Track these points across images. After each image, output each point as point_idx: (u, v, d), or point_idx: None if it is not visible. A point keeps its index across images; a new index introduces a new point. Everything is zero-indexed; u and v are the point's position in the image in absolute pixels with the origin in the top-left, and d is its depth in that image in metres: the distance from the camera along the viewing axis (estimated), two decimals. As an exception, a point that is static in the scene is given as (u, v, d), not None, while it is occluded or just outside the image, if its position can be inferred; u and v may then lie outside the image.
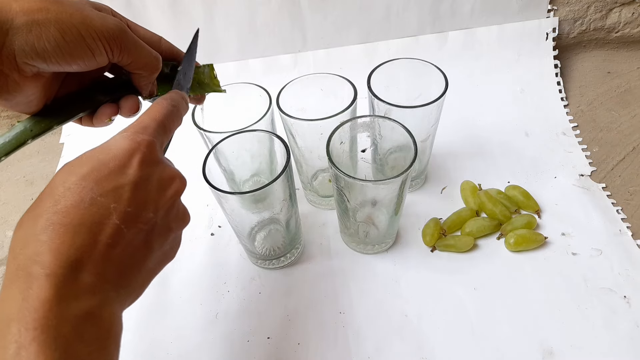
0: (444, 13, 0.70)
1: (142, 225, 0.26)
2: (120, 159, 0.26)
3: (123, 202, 0.25)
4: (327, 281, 0.50)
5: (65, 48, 0.26)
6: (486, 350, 0.44)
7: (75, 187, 0.24)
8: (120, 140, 0.27)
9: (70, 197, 0.24)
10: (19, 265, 0.23)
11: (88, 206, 0.24)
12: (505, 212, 0.52)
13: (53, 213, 0.23)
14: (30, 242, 0.23)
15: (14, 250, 0.24)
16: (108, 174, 0.25)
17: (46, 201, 0.24)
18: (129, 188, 0.26)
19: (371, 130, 0.47)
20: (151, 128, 0.28)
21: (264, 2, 0.66)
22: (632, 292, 0.46)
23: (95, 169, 0.25)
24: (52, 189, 0.25)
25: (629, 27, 0.73)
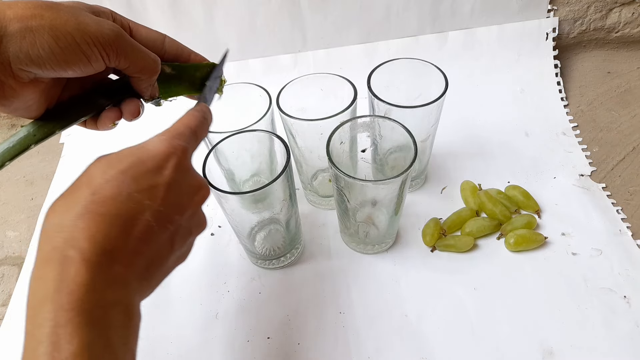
0: (444, 13, 0.70)
1: (169, 225, 0.28)
2: (158, 160, 0.27)
3: (157, 200, 0.27)
4: (327, 281, 0.50)
5: (59, 54, 0.26)
6: (486, 350, 0.44)
7: (114, 180, 0.25)
8: (158, 142, 0.28)
9: (108, 189, 0.25)
10: (54, 246, 0.23)
11: (125, 200, 0.25)
12: (505, 212, 0.52)
13: (91, 202, 0.24)
14: (66, 227, 0.23)
15: (48, 232, 0.24)
16: (145, 172, 0.26)
17: (83, 190, 0.25)
18: (163, 188, 0.27)
19: (371, 130, 0.47)
20: (186, 135, 0.30)
21: (264, 2, 0.66)
22: (632, 292, 0.46)
23: (133, 166, 0.26)
24: (90, 179, 0.25)
25: (629, 27, 0.73)
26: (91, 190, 0.25)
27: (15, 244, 0.59)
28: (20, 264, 0.56)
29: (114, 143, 0.72)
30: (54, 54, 0.26)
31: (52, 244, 0.23)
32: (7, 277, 0.56)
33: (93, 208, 0.24)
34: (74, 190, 0.25)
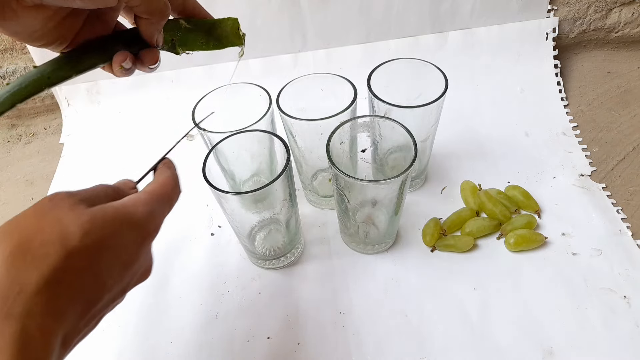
0: (444, 13, 0.70)
1: (111, 306, 0.28)
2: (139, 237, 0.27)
3: (118, 281, 0.26)
4: (327, 281, 0.50)
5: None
6: (486, 350, 0.44)
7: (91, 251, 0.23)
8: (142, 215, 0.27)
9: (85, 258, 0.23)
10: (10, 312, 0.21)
11: (95, 277, 0.24)
12: (505, 212, 0.52)
13: (61, 269, 0.22)
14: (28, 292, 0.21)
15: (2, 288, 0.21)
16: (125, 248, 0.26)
17: (56, 247, 0.22)
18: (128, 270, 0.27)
19: (371, 130, 0.47)
20: (163, 214, 0.29)
21: (264, 2, 0.66)
22: (632, 292, 0.46)
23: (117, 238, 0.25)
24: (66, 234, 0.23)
25: (629, 27, 0.73)
26: (65, 253, 0.22)
27: (15, 244, 0.59)
28: (20, 264, 0.56)
29: (115, 143, 0.71)
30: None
31: (7, 307, 0.21)
32: (7, 277, 0.56)
33: (62, 277, 0.22)
34: (38, 237, 0.22)
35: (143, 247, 0.28)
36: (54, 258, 0.22)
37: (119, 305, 0.30)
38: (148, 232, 0.27)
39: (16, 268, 0.21)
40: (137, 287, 0.45)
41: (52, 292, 0.22)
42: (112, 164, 0.65)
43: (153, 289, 0.51)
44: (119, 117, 0.72)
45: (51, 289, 0.22)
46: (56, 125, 0.75)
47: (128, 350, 0.46)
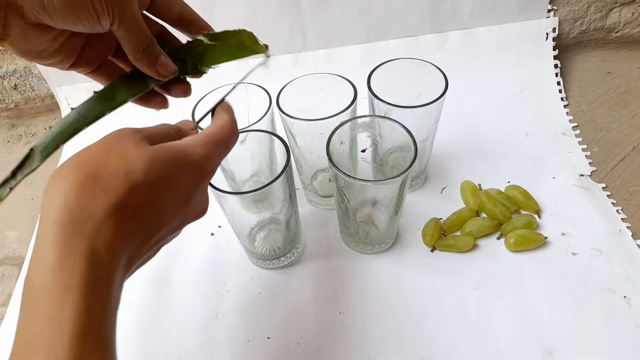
0: (444, 13, 0.70)
1: (169, 238, 0.29)
2: (195, 179, 0.28)
3: (175, 216, 0.28)
4: (327, 281, 0.50)
5: (72, 8, 0.26)
6: (486, 350, 0.44)
7: (154, 187, 0.25)
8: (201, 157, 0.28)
9: (146, 193, 0.25)
10: (82, 234, 0.23)
11: (155, 211, 0.26)
12: (505, 212, 0.52)
13: (127, 200, 0.24)
14: (96, 217, 0.23)
15: (72, 212, 0.23)
16: (182, 187, 0.27)
17: (121, 178, 0.24)
18: (185, 207, 0.28)
19: (371, 130, 0.47)
20: (220, 157, 0.31)
21: (264, 2, 0.66)
22: (632, 292, 0.46)
23: (176, 178, 0.27)
24: (130, 167, 0.25)
25: (629, 27, 0.73)
26: (130, 186, 0.24)
27: (15, 244, 0.59)
28: (20, 264, 0.56)
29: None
30: (67, 7, 0.26)
31: (78, 228, 0.23)
32: (7, 277, 0.56)
33: (127, 207, 0.24)
34: (106, 169, 0.24)
35: (199, 187, 0.29)
36: (120, 189, 0.24)
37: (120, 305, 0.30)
38: (204, 173, 0.29)
39: (87, 196, 0.23)
40: (138, 286, 0.45)
41: (118, 219, 0.24)
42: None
43: (153, 289, 0.51)
44: (119, 117, 0.72)
45: (117, 216, 0.24)
46: (56, 125, 0.75)
47: (128, 350, 0.46)
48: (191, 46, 0.35)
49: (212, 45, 0.35)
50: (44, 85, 0.74)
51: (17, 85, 0.73)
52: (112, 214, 0.24)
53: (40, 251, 0.23)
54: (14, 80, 0.73)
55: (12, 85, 0.73)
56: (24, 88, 0.74)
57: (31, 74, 0.72)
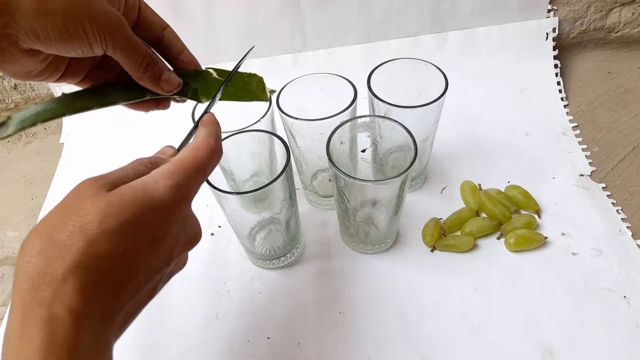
0: (444, 13, 0.70)
1: (157, 277, 0.28)
2: (161, 213, 0.26)
3: (151, 257, 0.26)
4: (327, 281, 0.50)
5: (66, 38, 0.27)
6: (486, 350, 0.44)
7: (112, 234, 0.24)
8: (164, 191, 0.26)
9: (105, 244, 0.23)
10: (41, 299, 0.22)
11: (120, 258, 0.24)
12: (505, 212, 0.52)
13: (85, 255, 0.23)
14: (55, 279, 0.22)
15: (32, 277, 0.23)
16: (146, 226, 0.25)
17: (77, 237, 0.23)
18: (160, 244, 0.27)
19: (371, 130, 0.47)
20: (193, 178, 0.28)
21: (264, 2, 0.66)
22: (632, 292, 0.46)
23: (135, 219, 0.25)
24: (85, 224, 0.23)
25: (629, 27, 0.73)
26: (86, 241, 0.23)
27: (15, 244, 0.59)
28: (20, 264, 0.56)
29: (115, 143, 0.71)
30: (61, 37, 0.26)
31: (38, 295, 0.22)
32: (7, 277, 0.56)
33: (87, 263, 0.23)
34: (63, 230, 0.23)
35: (172, 220, 0.27)
36: (76, 246, 0.23)
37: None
38: (174, 204, 0.27)
39: (45, 260, 0.23)
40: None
41: (78, 277, 0.23)
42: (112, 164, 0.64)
43: (153, 289, 0.51)
44: (119, 117, 0.72)
45: (77, 274, 0.23)
46: (56, 125, 0.75)
47: (128, 350, 0.46)
48: (197, 74, 0.35)
49: (218, 81, 0.36)
50: (43, 85, 0.74)
51: (17, 85, 0.73)
52: (70, 272, 0.23)
53: (9, 324, 0.23)
54: (14, 80, 0.73)
55: (12, 85, 0.73)
56: (24, 88, 0.74)
57: (31, 74, 0.72)
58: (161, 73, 0.32)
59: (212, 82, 0.36)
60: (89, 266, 0.23)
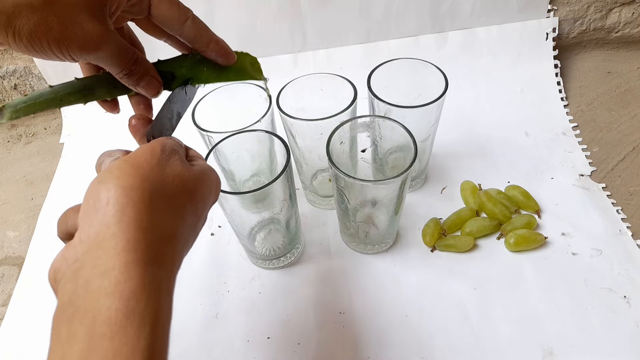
0: (444, 13, 0.70)
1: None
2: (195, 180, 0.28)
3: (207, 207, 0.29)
4: (327, 281, 0.50)
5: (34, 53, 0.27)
6: (486, 350, 0.44)
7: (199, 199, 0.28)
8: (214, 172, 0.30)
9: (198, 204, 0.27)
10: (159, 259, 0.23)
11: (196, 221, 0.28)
12: (505, 212, 0.52)
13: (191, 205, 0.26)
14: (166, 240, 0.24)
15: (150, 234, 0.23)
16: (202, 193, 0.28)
17: (182, 196, 0.26)
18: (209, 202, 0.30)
19: (371, 130, 0.47)
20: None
21: (264, 2, 0.66)
22: (632, 292, 0.46)
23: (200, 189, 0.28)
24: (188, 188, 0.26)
25: (629, 27, 0.73)
26: (192, 205, 0.27)
27: (15, 244, 0.59)
28: (20, 264, 0.56)
29: (114, 143, 0.72)
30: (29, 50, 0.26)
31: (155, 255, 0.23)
32: (7, 277, 0.56)
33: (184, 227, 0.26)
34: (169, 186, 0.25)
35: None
36: (185, 208, 0.26)
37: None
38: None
39: (159, 216, 0.23)
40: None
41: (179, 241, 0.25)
42: (112, 164, 0.65)
43: (153, 289, 0.51)
44: (119, 117, 0.72)
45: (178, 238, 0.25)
46: (56, 125, 0.75)
47: (128, 350, 0.46)
48: (184, 60, 0.34)
49: (201, 60, 0.35)
50: (43, 85, 0.74)
51: (17, 85, 0.73)
52: (176, 235, 0.24)
53: (110, 272, 0.20)
54: (14, 80, 0.73)
55: (12, 85, 0.73)
56: (24, 88, 0.74)
57: (31, 74, 0.72)
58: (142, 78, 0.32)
59: (200, 65, 0.35)
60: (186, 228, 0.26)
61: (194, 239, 0.28)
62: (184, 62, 0.35)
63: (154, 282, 0.21)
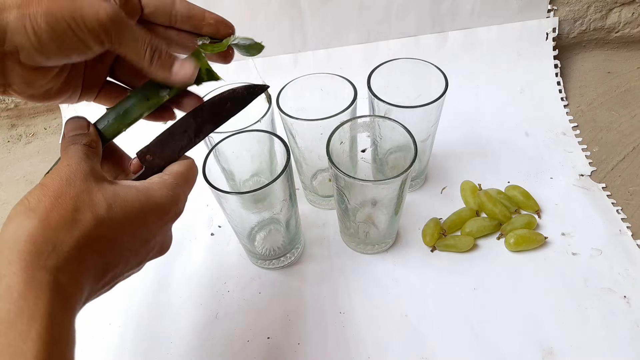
0: (444, 13, 0.70)
1: (126, 274, 0.29)
2: (159, 219, 0.29)
3: (136, 253, 0.28)
4: (327, 281, 0.50)
5: (57, 41, 0.25)
6: (486, 350, 0.44)
7: (117, 223, 0.26)
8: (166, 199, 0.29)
9: (110, 230, 0.26)
10: (45, 266, 0.23)
11: (115, 247, 0.26)
12: (505, 212, 0.52)
13: (93, 235, 0.25)
14: (62, 251, 0.24)
15: (36, 243, 0.23)
16: (144, 226, 0.28)
17: (87, 214, 0.25)
18: (146, 245, 0.29)
19: (371, 130, 0.47)
20: (186, 195, 0.31)
21: (264, 2, 0.66)
22: (632, 292, 0.46)
23: (138, 216, 0.27)
24: (94, 205, 0.25)
25: (629, 27, 0.73)
26: (95, 221, 0.25)
27: (15, 244, 0.59)
28: (20, 264, 0.56)
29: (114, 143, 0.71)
30: (52, 40, 0.25)
31: (41, 261, 0.23)
32: (7, 277, 0.56)
33: (91, 243, 0.25)
34: (73, 202, 0.25)
35: (164, 227, 0.30)
36: (85, 224, 0.25)
37: (120, 305, 0.30)
38: (171, 215, 0.30)
39: (52, 228, 0.24)
40: (138, 286, 0.45)
41: (82, 252, 0.24)
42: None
43: (153, 289, 0.51)
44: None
45: (82, 250, 0.24)
46: (56, 125, 0.75)
47: (128, 350, 0.46)
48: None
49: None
50: (44, 85, 0.73)
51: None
52: (77, 247, 0.24)
53: (2, 280, 0.23)
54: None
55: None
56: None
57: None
58: (172, 61, 0.31)
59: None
60: (92, 246, 0.25)
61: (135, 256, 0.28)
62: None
63: (43, 284, 0.23)
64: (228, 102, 0.33)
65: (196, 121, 0.32)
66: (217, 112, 0.33)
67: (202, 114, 0.33)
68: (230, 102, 0.33)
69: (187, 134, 0.32)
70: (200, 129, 0.33)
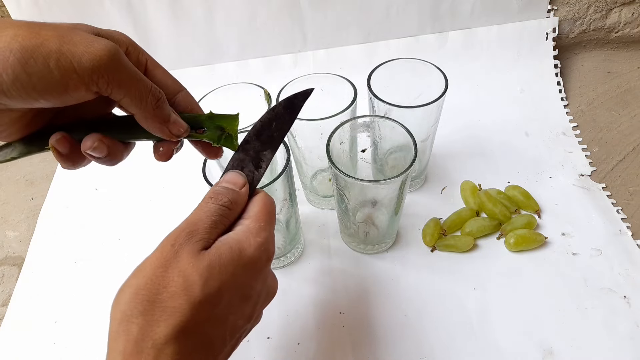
0: (444, 13, 0.70)
1: (238, 335, 0.28)
2: (253, 272, 0.27)
3: (240, 314, 0.27)
4: (327, 281, 0.50)
5: (25, 81, 0.21)
6: (486, 350, 0.44)
7: (213, 297, 0.24)
8: (255, 248, 0.27)
9: (206, 307, 0.24)
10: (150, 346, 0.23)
11: (216, 320, 0.25)
12: (505, 212, 0.52)
13: (188, 321, 0.24)
14: (157, 343, 0.23)
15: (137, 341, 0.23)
16: (240, 285, 0.26)
17: (179, 297, 0.23)
18: (248, 301, 0.27)
19: (371, 130, 0.47)
20: (273, 237, 0.29)
21: (264, 2, 0.66)
22: (632, 292, 0.46)
23: (234, 279, 0.25)
24: (187, 283, 0.24)
25: (629, 27, 0.73)
26: (190, 305, 0.23)
27: (15, 244, 0.59)
28: (20, 264, 0.56)
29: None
30: (18, 79, 0.21)
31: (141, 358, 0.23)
32: (7, 277, 0.56)
33: (188, 328, 0.23)
34: (166, 289, 0.23)
35: (260, 278, 0.28)
36: (180, 311, 0.23)
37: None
38: (263, 263, 0.27)
39: (148, 323, 0.23)
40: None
41: (180, 341, 0.23)
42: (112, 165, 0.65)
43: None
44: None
45: (179, 338, 0.23)
46: (56, 125, 0.75)
47: (128, 350, 0.46)
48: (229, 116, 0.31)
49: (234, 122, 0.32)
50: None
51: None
52: (172, 338, 0.23)
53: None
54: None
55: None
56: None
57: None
58: (169, 114, 0.28)
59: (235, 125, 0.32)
60: (190, 331, 0.24)
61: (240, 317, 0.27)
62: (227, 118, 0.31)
63: None
64: (273, 123, 0.32)
65: (248, 154, 0.31)
66: (269, 136, 0.31)
67: (249, 146, 0.31)
68: (275, 121, 0.32)
69: (247, 170, 0.31)
70: (260, 159, 0.31)
